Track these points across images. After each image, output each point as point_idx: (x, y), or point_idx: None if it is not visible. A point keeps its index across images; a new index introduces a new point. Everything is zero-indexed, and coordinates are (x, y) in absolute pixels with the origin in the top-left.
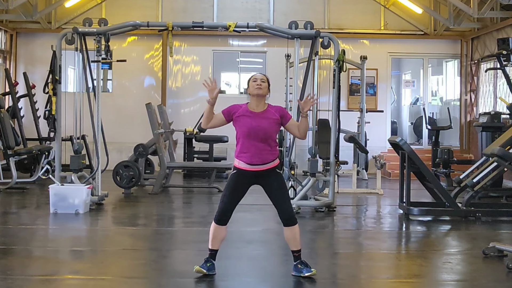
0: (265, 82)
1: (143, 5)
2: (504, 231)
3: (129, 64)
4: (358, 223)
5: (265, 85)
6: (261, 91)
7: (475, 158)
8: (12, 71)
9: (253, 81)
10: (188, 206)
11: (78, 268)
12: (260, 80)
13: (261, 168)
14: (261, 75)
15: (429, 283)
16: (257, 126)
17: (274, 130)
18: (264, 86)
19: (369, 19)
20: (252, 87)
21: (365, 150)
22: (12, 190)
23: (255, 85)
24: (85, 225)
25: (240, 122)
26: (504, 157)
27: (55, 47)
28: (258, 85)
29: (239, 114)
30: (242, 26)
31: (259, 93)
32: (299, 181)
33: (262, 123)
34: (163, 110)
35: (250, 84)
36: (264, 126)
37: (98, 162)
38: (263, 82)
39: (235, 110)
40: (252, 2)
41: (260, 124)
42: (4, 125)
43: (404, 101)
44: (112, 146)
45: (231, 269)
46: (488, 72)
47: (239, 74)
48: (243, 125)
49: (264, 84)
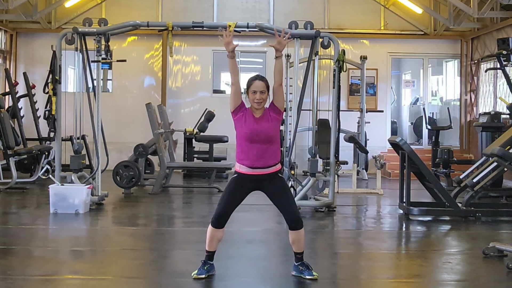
0: (265, 93)
1: (143, 5)
2: (504, 231)
3: (129, 64)
4: (358, 223)
5: (265, 96)
6: (261, 106)
7: (475, 158)
8: (12, 71)
9: (252, 92)
10: (188, 206)
11: (78, 268)
12: (259, 93)
13: (263, 172)
14: (260, 82)
15: (429, 283)
16: (258, 128)
17: (275, 128)
18: (264, 98)
19: (369, 19)
20: (252, 100)
21: (365, 150)
22: (12, 190)
23: (255, 100)
24: (85, 225)
25: (242, 123)
26: (504, 157)
27: (55, 47)
28: (258, 100)
29: (243, 115)
30: (242, 26)
31: (259, 108)
32: (299, 181)
33: (263, 125)
34: (163, 110)
35: (250, 95)
36: (265, 126)
37: (98, 162)
38: (262, 94)
39: (243, 110)
40: (252, 2)
41: (261, 125)
42: (4, 125)
43: (404, 101)
44: (112, 146)
45: (231, 269)
46: (488, 72)
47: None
48: (245, 126)
49: (264, 96)
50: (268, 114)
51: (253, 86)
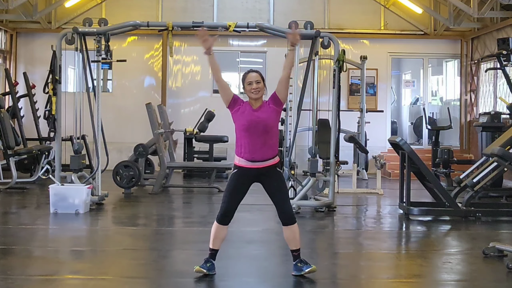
0: (260, 82)
1: (143, 5)
2: (504, 231)
3: (129, 64)
4: (358, 223)
5: (261, 85)
6: (259, 94)
7: (475, 158)
8: (12, 71)
9: (248, 83)
10: (188, 206)
11: (78, 268)
12: (255, 82)
13: (262, 165)
14: (254, 73)
15: (429, 283)
16: (256, 119)
17: (273, 119)
18: (260, 88)
19: (369, 19)
20: (249, 91)
21: (365, 150)
22: (12, 190)
23: (252, 90)
24: (85, 225)
25: (240, 115)
26: (504, 157)
27: (55, 47)
28: (255, 89)
29: (240, 108)
30: (242, 26)
31: (257, 97)
32: (299, 181)
33: (261, 115)
34: (163, 110)
35: (246, 87)
36: (263, 117)
37: (98, 162)
38: (258, 84)
39: (240, 103)
40: (252, 2)
41: (259, 116)
42: (4, 125)
43: (404, 101)
44: (112, 146)
45: (231, 269)
46: (488, 72)
47: (239, 74)
48: (242, 118)
49: (260, 85)
50: (267, 105)
51: (248, 78)
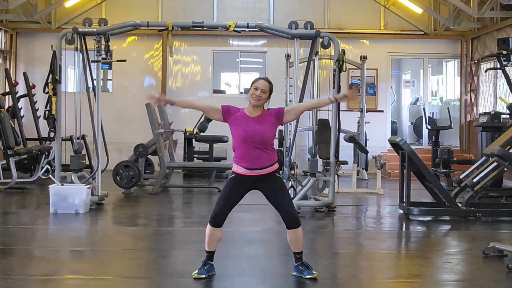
0: (266, 93)
1: (143, 5)
2: (504, 231)
3: (129, 64)
4: (358, 223)
5: (265, 96)
6: (258, 103)
7: (475, 158)
8: (12, 71)
9: (254, 88)
10: (188, 206)
11: (78, 268)
12: (261, 90)
13: (260, 173)
14: (265, 82)
15: (429, 283)
16: (253, 130)
17: (270, 133)
18: (263, 98)
19: (369, 19)
20: (251, 94)
21: (365, 150)
22: (12, 190)
23: (255, 96)
24: (85, 225)
25: (236, 125)
26: (504, 157)
27: (55, 47)
28: (258, 96)
29: (236, 117)
30: (242, 26)
31: (256, 104)
32: (299, 181)
33: (258, 128)
34: (163, 110)
35: (251, 90)
36: (260, 130)
37: (98, 162)
38: (263, 93)
39: (234, 113)
40: (252, 2)
41: (256, 128)
42: (4, 125)
43: (404, 101)
44: (112, 146)
45: (231, 269)
46: (488, 72)
47: (239, 74)
48: (240, 129)
49: (264, 96)
50: (268, 116)
51: (257, 83)
